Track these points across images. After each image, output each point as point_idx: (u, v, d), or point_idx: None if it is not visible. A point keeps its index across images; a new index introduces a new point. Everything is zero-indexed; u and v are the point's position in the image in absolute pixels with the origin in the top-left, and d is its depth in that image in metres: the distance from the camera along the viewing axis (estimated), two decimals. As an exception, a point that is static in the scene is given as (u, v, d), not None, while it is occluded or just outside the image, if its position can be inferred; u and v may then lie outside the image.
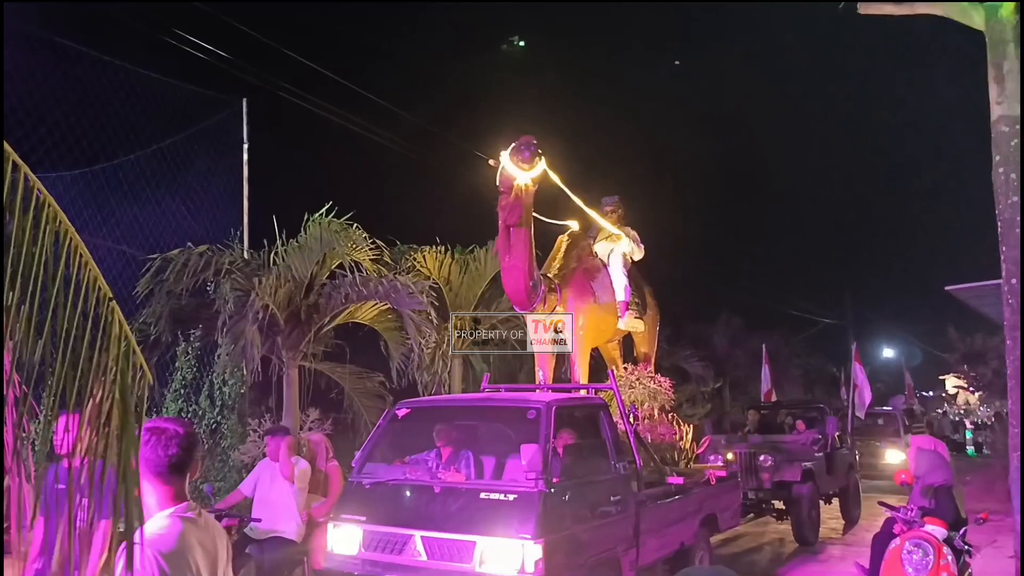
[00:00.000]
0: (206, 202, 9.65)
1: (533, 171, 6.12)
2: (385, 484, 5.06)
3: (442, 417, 5.74)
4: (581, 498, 4.85)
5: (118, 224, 9.12)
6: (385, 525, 4.84)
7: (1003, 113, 5.52)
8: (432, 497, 4.79)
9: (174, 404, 9.18)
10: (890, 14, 5.94)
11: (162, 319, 8.76)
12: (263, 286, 8.35)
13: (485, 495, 4.66)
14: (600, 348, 8.24)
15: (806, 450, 9.62)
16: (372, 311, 9.07)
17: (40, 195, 1.54)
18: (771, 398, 14.62)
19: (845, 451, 10.80)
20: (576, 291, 7.31)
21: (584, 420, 5.55)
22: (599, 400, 6.02)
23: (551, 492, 4.52)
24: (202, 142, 9.66)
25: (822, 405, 11.53)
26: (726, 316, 20.41)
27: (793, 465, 9.17)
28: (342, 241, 8.63)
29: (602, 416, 5.51)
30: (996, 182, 5.54)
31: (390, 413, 5.71)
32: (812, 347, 23.12)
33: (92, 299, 1.67)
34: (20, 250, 1.46)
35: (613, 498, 5.16)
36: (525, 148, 5.98)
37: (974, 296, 10.09)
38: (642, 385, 7.52)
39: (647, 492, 5.67)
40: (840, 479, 10.33)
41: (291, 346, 8.96)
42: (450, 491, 4.77)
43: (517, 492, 4.54)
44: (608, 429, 5.44)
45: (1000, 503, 7.32)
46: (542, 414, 4.84)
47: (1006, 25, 5.48)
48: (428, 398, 7.48)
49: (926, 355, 28.40)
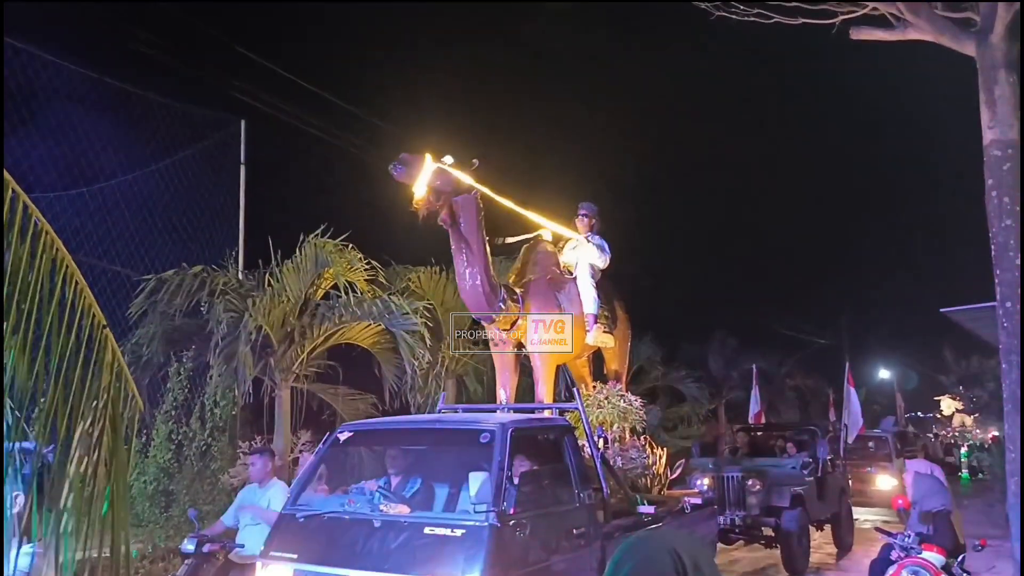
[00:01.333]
0: (203, 222, 9.64)
1: (417, 183, 6.10)
2: (320, 517, 4.54)
3: (388, 441, 5.27)
4: (539, 532, 4.37)
5: (113, 244, 9.10)
6: (317, 564, 4.32)
7: (995, 137, 5.58)
8: (371, 532, 4.30)
9: (164, 426, 9.08)
10: (882, 40, 6.03)
11: (155, 340, 8.71)
12: (257, 307, 8.33)
13: (430, 529, 4.19)
14: (568, 365, 7.79)
15: (796, 474, 9.25)
16: (366, 332, 9.03)
17: (38, 223, 1.53)
18: (761, 420, 14.22)
19: (837, 475, 10.44)
20: (539, 301, 6.97)
21: (545, 444, 5.10)
22: (562, 422, 5.51)
23: (503, 526, 4.07)
24: (200, 162, 9.68)
25: (814, 427, 11.13)
26: (721, 336, 20.43)
27: (782, 490, 8.83)
28: (337, 262, 8.62)
29: (565, 439, 5.05)
30: (989, 206, 5.59)
31: (331, 437, 5.17)
32: (808, 368, 23.12)
33: (87, 326, 1.65)
34: (17, 277, 1.45)
35: (576, 531, 4.69)
36: (392, 170, 6.03)
37: (970, 319, 10.11)
38: (611, 404, 7.02)
39: (615, 523, 5.19)
40: (832, 504, 9.96)
41: (284, 367, 8.90)
42: (391, 525, 4.30)
43: (465, 526, 4.09)
44: (572, 454, 4.97)
45: (998, 528, 7.27)
46: (496, 438, 4.40)
47: (996, 51, 5.56)
48: (373, 420, 6.85)
49: (922, 376, 28.43)
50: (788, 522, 8.68)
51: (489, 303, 6.49)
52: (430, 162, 6.12)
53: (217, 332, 8.30)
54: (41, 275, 1.57)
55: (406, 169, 6.04)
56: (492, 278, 6.54)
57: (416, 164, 6.07)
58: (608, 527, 5.05)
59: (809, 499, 9.13)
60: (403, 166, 6.03)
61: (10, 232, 1.45)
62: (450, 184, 6.24)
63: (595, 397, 7.12)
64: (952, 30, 5.72)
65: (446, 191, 6.23)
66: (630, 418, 7.05)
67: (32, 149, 8.10)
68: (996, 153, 5.57)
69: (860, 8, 6.08)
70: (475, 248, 6.41)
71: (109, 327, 1.96)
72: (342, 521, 4.48)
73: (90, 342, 1.77)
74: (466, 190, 6.39)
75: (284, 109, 9.61)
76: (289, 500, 4.79)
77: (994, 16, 5.53)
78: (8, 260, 1.51)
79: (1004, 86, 5.55)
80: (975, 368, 17.06)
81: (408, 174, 6.05)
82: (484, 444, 4.42)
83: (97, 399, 1.78)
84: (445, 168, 6.19)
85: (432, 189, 6.11)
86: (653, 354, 15.92)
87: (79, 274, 1.64)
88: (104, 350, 1.77)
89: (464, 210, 6.42)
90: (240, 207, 9.86)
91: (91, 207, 8.87)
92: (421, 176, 6.04)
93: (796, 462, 9.52)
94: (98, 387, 1.77)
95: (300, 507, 4.67)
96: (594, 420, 6.67)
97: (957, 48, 5.71)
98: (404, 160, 6.06)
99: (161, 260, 9.07)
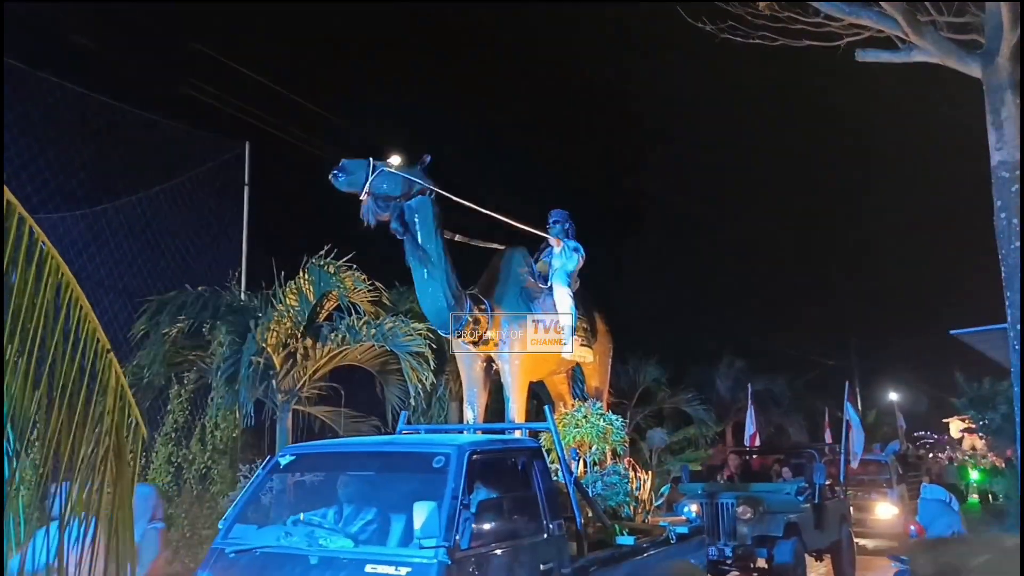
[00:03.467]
0: (206, 243, 9.65)
1: (351, 187, 5.83)
2: (252, 552, 4.07)
3: (333, 466, 4.76)
4: (499, 569, 3.93)
5: (117, 265, 9.11)
6: None
7: (1002, 159, 5.57)
8: (307, 569, 3.88)
9: (164, 448, 9.00)
10: (887, 62, 6.04)
11: (156, 362, 8.67)
12: (259, 329, 8.29)
13: (372, 567, 3.72)
14: (546, 382, 7.28)
15: (790, 501, 8.64)
16: (368, 353, 8.99)
17: (44, 247, 1.49)
18: (756, 442, 13.38)
19: (837, 502, 9.77)
20: (511, 312, 6.55)
21: (510, 469, 4.63)
22: (531, 443, 5.00)
23: (455, 563, 3.62)
24: (204, 184, 9.72)
25: (811, 450, 10.47)
26: (729, 358, 20.30)
27: (775, 518, 8.16)
28: (340, 283, 8.60)
29: (534, 463, 4.59)
30: (998, 228, 5.56)
31: (272, 461, 4.70)
32: (819, 390, 22.90)
33: (91, 351, 1.61)
34: (21, 300, 1.41)
35: (543, 566, 4.24)
36: (333, 180, 5.78)
37: (981, 340, 10.02)
38: (590, 424, 6.45)
39: (590, 556, 4.73)
40: (831, 533, 9.25)
41: (286, 389, 8.85)
42: (330, 562, 3.86)
43: (411, 563, 3.64)
44: (541, 479, 4.52)
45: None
46: (450, 461, 3.95)
47: (1003, 72, 5.57)
48: (320, 442, 6.35)
49: (932, 398, 28.21)
50: (782, 553, 8.07)
51: (450, 305, 6.04)
52: (373, 165, 5.79)
53: (219, 354, 8.28)
54: (46, 299, 1.53)
55: (349, 177, 5.71)
56: (455, 288, 6.11)
57: (359, 170, 5.75)
58: (581, 560, 4.61)
59: (805, 528, 8.50)
60: (345, 174, 5.72)
61: (16, 255, 1.41)
62: (399, 187, 5.86)
63: (573, 416, 6.56)
64: (958, 52, 5.73)
65: (394, 196, 5.85)
66: (610, 438, 6.47)
67: (36, 170, 8.12)
68: (1004, 175, 5.56)
69: (865, 31, 6.09)
70: (433, 257, 5.99)
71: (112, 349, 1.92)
72: (276, 557, 4.02)
73: (94, 367, 1.73)
74: (418, 193, 5.96)
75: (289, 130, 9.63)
76: (220, 534, 4.31)
77: (1000, 38, 5.54)
78: (14, 283, 1.47)
79: (1011, 107, 5.55)
80: (987, 390, 16.69)
81: (352, 182, 5.73)
82: (438, 469, 3.97)
83: (100, 424, 1.73)
84: (391, 171, 5.83)
85: (378, 196, 5.77)
86: (659, 376, 15.81)
87: (84, 298, 1.61)
88: (108, 374, 1.73)
89: (419, 215, 5.98)
90: (243, 228, 9.87)
91: (96, 228, 8.88)
92: (367, 183, 5.73)
93: (791, 488, 9.00)
94: (101, 411, 1.72)
95: (231, 541, 4.19)
96: (571, 441, 6.24)
97: (963, 70, 5.72)
98: (345, 168, 5.74)
99: (164, 281, 9.07)
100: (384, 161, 5.90)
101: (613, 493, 5.97)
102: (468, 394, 6.60)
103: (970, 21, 5.88)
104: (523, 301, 6.67)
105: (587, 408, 6.61)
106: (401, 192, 5.88)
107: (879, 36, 6.12)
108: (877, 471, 13.75)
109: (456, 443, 4.20)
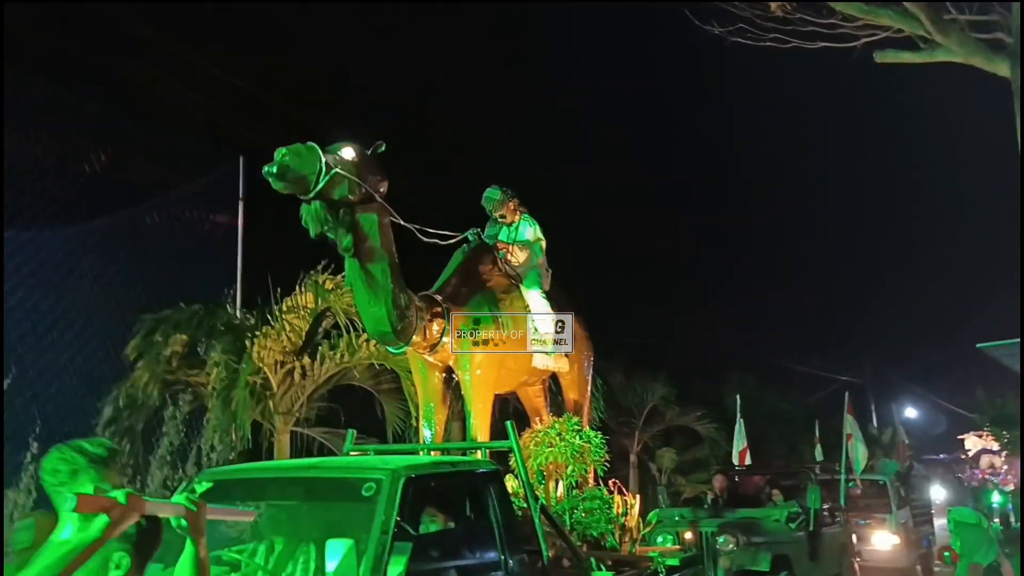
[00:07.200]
0: (201, 259, 9.49)
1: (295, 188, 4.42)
2: None
3: (256, 494, 3.97)
4: None
5: (110, 282, 8.95)
6: None
7: (1032, 163, 5.26)
8: None
9: (159, 471, 8.79)
10: (909, 63, 5.76)
11: (150, 382, 8.49)
12: (255, 347, 8.10)
13: None
14: (520, 395, 6.51)
15: (780, 528, 7.59)
16: (368, 371, 8.75)
17: None
18: (745, 461, 11.45)
19: (836, 529, 8.66)
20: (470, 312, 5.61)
21: (459, 495, 4.06)
22: (485, 466, 4.35)
23: None
24: (198, 199, 9.57)
25: (805, 470, 9.40)
26: (739, 375, 19.89)
27: (762, 548, 7.11)
28: (337, 300, 8.40)
29: (490, 488, 3.95)
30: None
31: (187, 487, 4.03)
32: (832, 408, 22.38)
33: None
34: None
35: None
36: (273, 176, 4.37)
37: (1007, 354, 9.62)
38: (565, 442, 5.50)
39: None
40: (829, 566, 8.20)
41: (283, 410, 8.64)
42: None
43: None
44: (498, 506, 3.90)
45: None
46: (382, 488, 3.30)
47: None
48: (242, 466, 5.61)
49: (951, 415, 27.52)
50: None
51: (400, 332, 5.04)
52: (326, 162, 4.43)
53: (214, 373, 8.09)
54: None
55: (294, 176, 4.35)
56: (404, 303, 5.03)
57: (308, 169, 4.39)
58: None
59: (798, 560, 7.40)
60: (288, 169, 4.34)
61: None
62: (355, 191, 4.61)
63: (546, 433, 5.63)
64: (984, 51, 5.45)
65: (351, 200, 4.62)
66: (589, 458, 5.59)
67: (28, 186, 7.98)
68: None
69: (881, 32, 5.83)
70: (380, 278, 4.84)
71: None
72: None
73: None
74: (370, 196, 4.73)
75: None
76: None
77: (1027, 36, 5.25)
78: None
79: (1040, 109, 5.25)
80: (1011, 407, 15.96)
81: (299, 180, 4.37)
82: (367, 499, 3.31)
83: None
84: (343, 174, 4.51)
85: (331, 202, 4.55)
86: (667, 393, 15.46)
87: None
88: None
89: (370, 226, 4.78)
90: (238, 243, 9.70)
91: (88, 243, 8.74)
92: (317, 186, 4.42)
93: (782, 513, 7.86)
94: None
95: None
96: (543, 462, 5.40)
97: (990, 69, 5.44)
98: (289, 168, 4.32)
99: (158, 297, 8.92)
100: (336, 155, 4.59)
101: (594, 520, 5.24)
102: (424, 410, 5.67)
103: (994, 19, 5.59)
104: (487, 301, 5.71)
105: (561, 424, 5.64)
106: (357, 196, 4.67)
107: (896, 37, 5.86)
108: (877, 493, 11.76)
109: (391, 467, 3.52)
